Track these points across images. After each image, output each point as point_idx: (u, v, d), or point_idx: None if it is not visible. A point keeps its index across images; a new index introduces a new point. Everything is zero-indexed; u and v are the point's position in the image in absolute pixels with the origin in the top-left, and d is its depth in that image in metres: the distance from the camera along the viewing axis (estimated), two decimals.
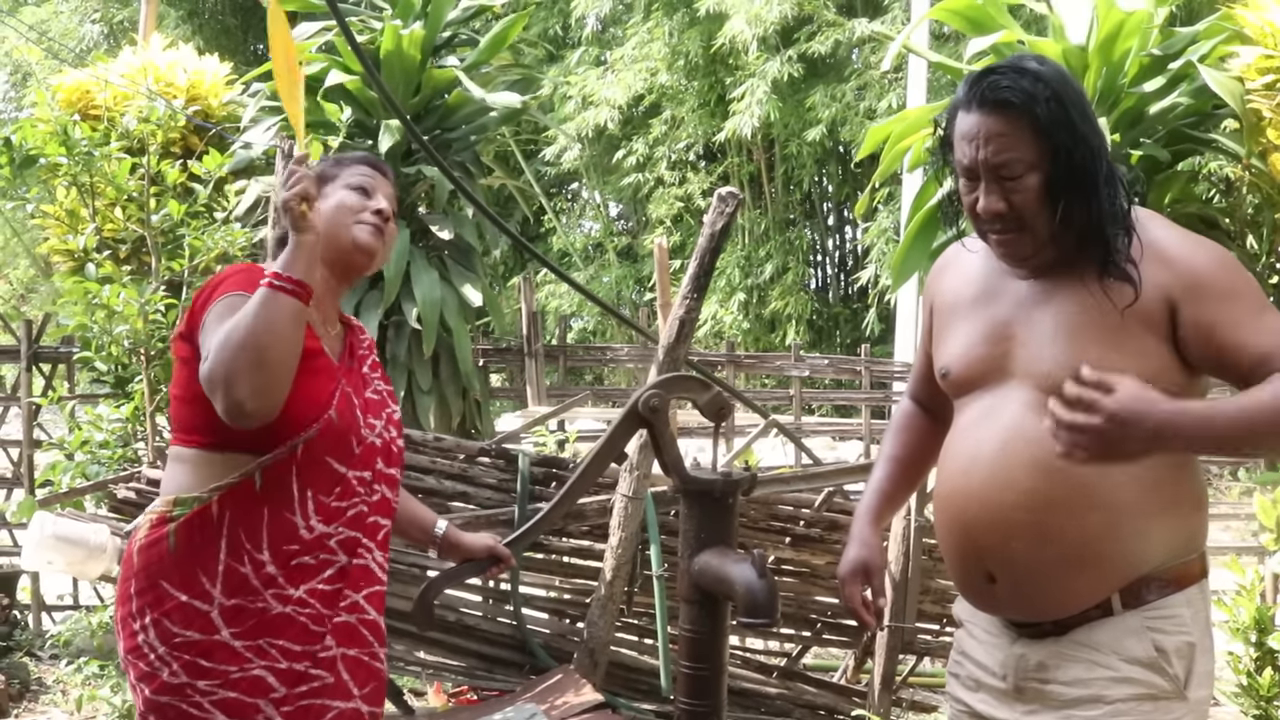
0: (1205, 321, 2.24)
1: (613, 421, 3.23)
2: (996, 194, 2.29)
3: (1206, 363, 2.27)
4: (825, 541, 5.02)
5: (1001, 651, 2.44)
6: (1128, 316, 2.26)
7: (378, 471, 2.63)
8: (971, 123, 2.29)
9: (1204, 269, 2.28)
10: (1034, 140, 2.26)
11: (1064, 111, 2.27)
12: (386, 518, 2.68)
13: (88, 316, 5.67)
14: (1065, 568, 2.29)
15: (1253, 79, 4.50)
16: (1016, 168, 2.27)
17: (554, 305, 19.00)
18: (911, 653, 5.26)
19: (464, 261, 8.44)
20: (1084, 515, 2.26)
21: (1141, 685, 2.28)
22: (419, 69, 8.15)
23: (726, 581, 2.76)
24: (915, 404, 2.80)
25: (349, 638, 2.58)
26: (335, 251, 2.63)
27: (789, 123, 17.82)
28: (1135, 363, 2.23)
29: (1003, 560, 2.34)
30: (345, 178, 2.69)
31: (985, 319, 2.43)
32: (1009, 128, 2.26)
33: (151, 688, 2.44)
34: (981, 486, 2.34)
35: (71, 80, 6.94)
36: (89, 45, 20.63)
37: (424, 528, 2.92)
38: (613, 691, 4.70)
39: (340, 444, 2.53)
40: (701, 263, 4.43)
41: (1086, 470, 2.21)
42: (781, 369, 13.40)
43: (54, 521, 4.80)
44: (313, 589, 2.50)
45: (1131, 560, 2.29)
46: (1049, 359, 2.30)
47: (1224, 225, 5.27)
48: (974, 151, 2.28)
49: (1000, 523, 2.32)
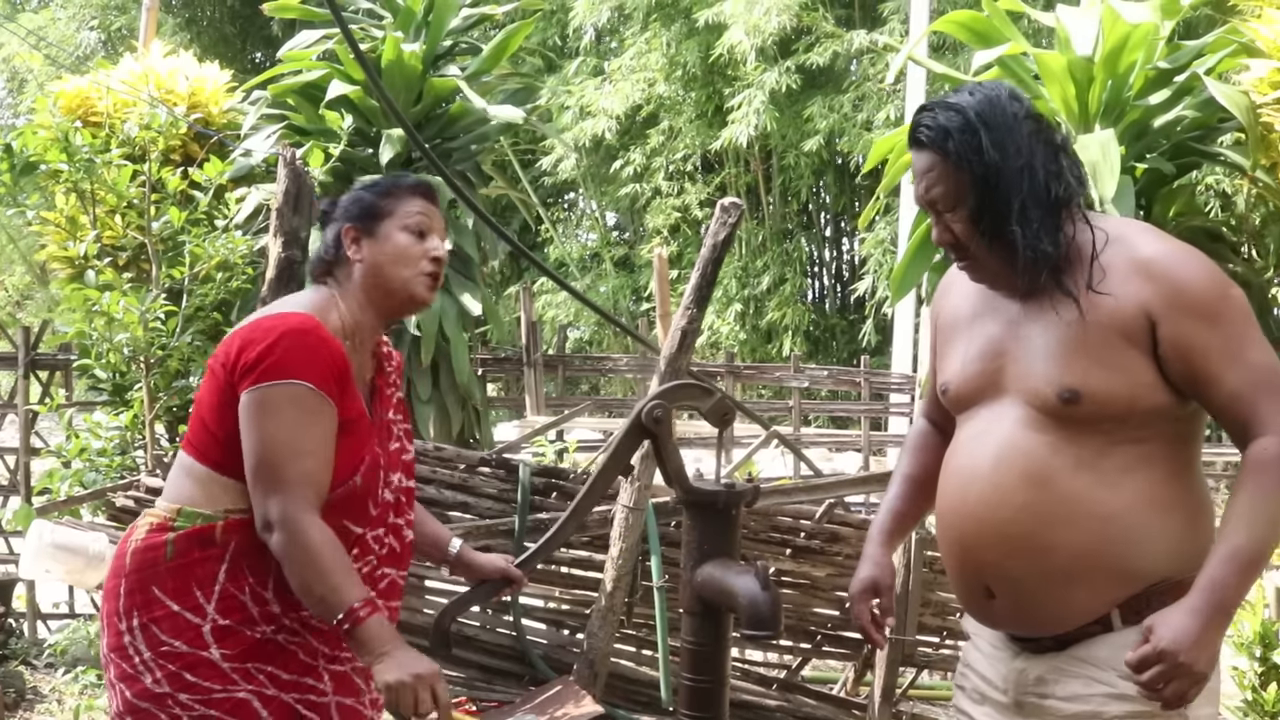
0: (1183, 342, 2.24)
1: (615, 434, 3.21)
2: (940, 226, 2.40)
3: (1184, 384, 2.27)
4: (826, 553, 5.00)
5: (1004, 665, 2.45)
6: (1109, 331, 2.27)
7: (390, 525, 2.60)
8: (914, 160, 2.40)
9: (1187, 284, 2.26)
10: (954, 174, 2.33)
11: (976, 141, 2.31)
12: (396, 568, 2.65)
13: (87, 324, 5.66)
14: (1062, 581, 2.29)
15: (1263, 93, 4.50)
16: (947, 201, 2.35)
17: (550, 315, 18.99)
18: (911, 665, 5.25)
19: (463, 271, 8.43)
20: (1079, 526, 2.26)
21: (1140, 702, 2.26)
22: (420, 78, 8.15)
23: (729, 593, 2.74)
24: (929, 423, 2.80)
25: (346, 687, 2.57)
26: (390, 300, 2.58)
27: (786, 134, 17.84)
28: (1121, 378, 2.25)
29: (1000, 575, 2.36)
30: (400, 216, 2.58)
31: (980, 337, 2.45)
32: (931, 164, 2.36)
33: (133, 691, 2.42)
34: (978, 502, 2.36)
35: (72, 87, 6.92)
36: (86, 52, 20.64)
37: (439, 545, 2.88)
38: (612, 703, 4.69)
39: (358, 507, 2.50)
40: (704, 273, 4.42)
41: (1079, 482, 2.26)
42: (781, 380, 13.41)
43: (53, 530, 4.79)
44: (312, 628, 2.48)
45: (1130, 572, 2.28)
46: (1039, 375, 2.32)
47: (1228, 239, 5.28)
48: (920, 189, 2.39)
49: (996, 537, 2.33)
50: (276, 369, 2.36)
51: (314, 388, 2.36)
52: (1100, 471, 2.27)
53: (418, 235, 2.58)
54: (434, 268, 2.58)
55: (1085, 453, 2.27)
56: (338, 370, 2.41)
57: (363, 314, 2.57)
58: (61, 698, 5.83)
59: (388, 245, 2.55)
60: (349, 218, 2.58)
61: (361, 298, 2.56)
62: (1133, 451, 2.28)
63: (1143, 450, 2.29)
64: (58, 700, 5.82)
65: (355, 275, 2.56)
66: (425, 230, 2.59)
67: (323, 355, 2.38)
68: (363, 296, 2.56)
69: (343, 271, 2.58)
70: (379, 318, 2.60)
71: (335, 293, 2.57)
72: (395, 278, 2.55)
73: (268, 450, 2.35)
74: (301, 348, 2.38)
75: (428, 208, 2.62)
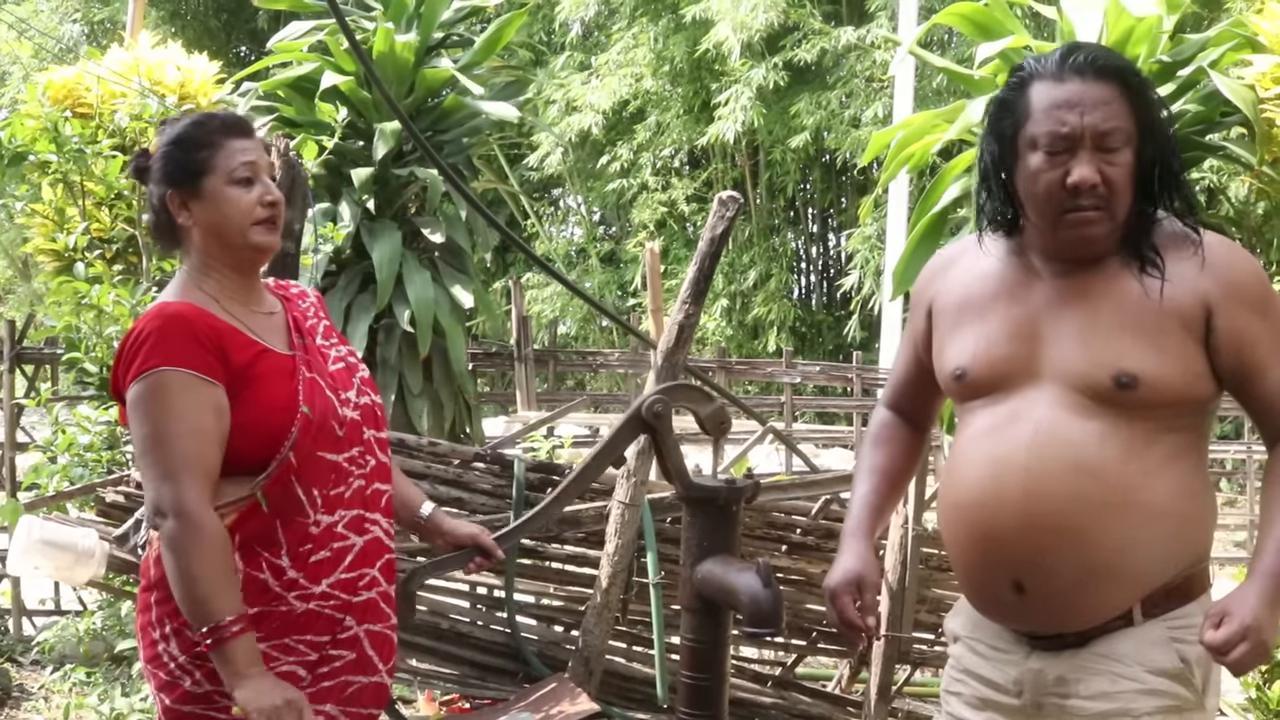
0: (1237, 331, 2.22)
1: (613, 425, 3.19)
2: (1094, 165, 2.22)
3: (1230, 376, 2.25)
4: (822, 550, 4.98)
5: (1015, 668, 2.37)
6: (1167, 314, 2.22)
7: (366, 441, 2.59)
8: (1070, 91, 2.23)
9: (1242, 275, 2.26)
10: (1130, 115, 2.23)
11: (1153, 93, 2.27)
12: (385, 482, 2.64)
13: (76, 317, 5.60)
14: (1104, 574, 2.24)
15: (1267, 87, 4.50)
16: (1118, 138, 2.22)
17: (537, 310, 18.95)
18: (907, 663, 5.22)
19: (455, 263, 8.41)
20: (1128, 518, 2.21)
21: (1168, 697, 2.25)
22: (412, 70, 8.11)
23: (730, 590, 2.72)
24: (894, 413, 2.71)
25: (371, 614, 2.56)
26: (237, 255, 2.54)
27: (773, 129, 17.82)
28: (1173, 364, 2.21)
29: (1036, 569, 2.27)
30: (223, 169, 2.49)
31: (1008, 318, 2.35)
32: (1113, 97, 2.23)
33: (172, 697, 2.42)
34: (1016, 492, 2.26)
35: (59, 77, 6.85)
36: (70, 44, 20.54)
37: (410, 508, 2.84)
38: (607, 700, 4.66)
39: (324, 434, 2.48)
40: (701, 267, 4.38)
41: (1130, 471, 2.20)
42: (773, 375, 13.39)
43: (41, 525, 4.72)
44: (336, 580, 2.48)
45: (1162, 567, 2.26)
46: (1083, 358, 2.25)
47: (1230, 233, 5.28)
48: (1077, 119, 2.21)
49: (1037, 530, 2.24)
50: (140, 363, 2.37)
51: (181, 369, 2.35)
52: (1147, 461, 2.22)
53: (245, 184, 2.50)
54: (269, 213, 2.52)
55: (1135, 441, 2.22)
56: (205, 339, 2.40)
57: (227, 274, 2.53)
58: (49, 695, 5.79)
59: (218, 204, 2.50)
60: (171, 183, 2.51)
61: (209, 259, 2.53)
62: (1174, 441, 2.25)
63: (1181, 440, 2.26)
64: (44, 698, 5.77)
65: (196, 239, 2.52)
66: (252, 176, 2.51)
67: (180, 333, 2.38)
68: (210, 258, 2.53)
69: (183, 236, 2.54)
70: (237, 271, 2.56)
71: (191, 267, 2.54)
72: (233, 234, 2.50)
73: (149, 440, 2.36)
74: (160, 335, 2.38)
75: (246, 148, 2.53)
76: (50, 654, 5.94)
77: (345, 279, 8.26)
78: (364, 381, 2.67)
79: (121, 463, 5.70)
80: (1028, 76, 2.30)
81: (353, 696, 2.53)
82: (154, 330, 2.38)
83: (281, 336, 2.56)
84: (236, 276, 2.54)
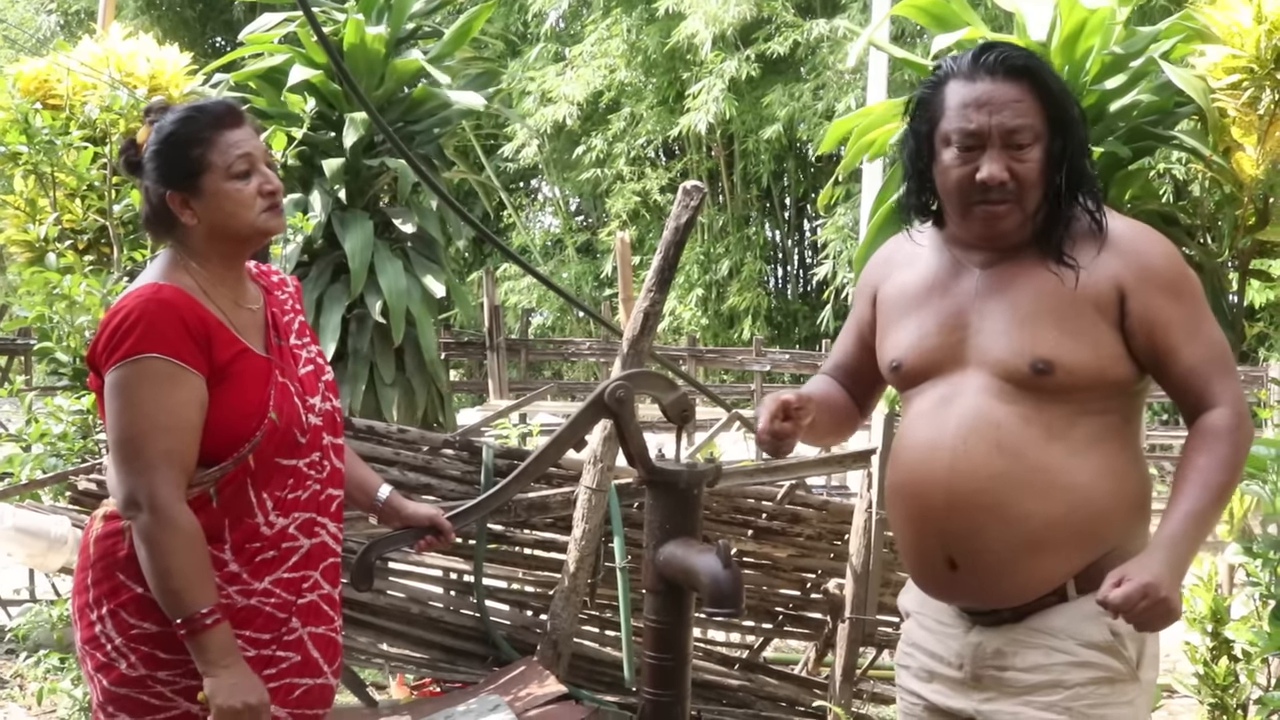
0: (1150, 316, 2.31)
1: (577, 409, 3.22)
2: (1002, 162, 2.31)
3: (1145, 357, 2.34)
4: (787, 534, 5.04)
5: (956, 641, 2.46)
6: (1081, 301, 2.31)
7: (325, 447, 2.59)
8: (980, 90, 2.32)
9: (1153, 259, 2.35)
10: (1041, 112, 2.32)
11: (1061, 86, 2.34)
12: (338, 488, 2.64)
13: (48, 307, 5.62)
14: (1031, 550, 2.32)
15: (1218, 78, 4.57)
16: (1026, 135, 2.31)
17: (513, 301, 18.97)
18: (872, 645, 5.29)
19: (427, 254, 8.44)
20: (1051, 496, 2.30)
21: (1099, 669, 2.33)
22: (383, 61, 8.14)
23: (691, 572, 2.75)
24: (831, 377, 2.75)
25: (314, 616, 2.57)
26: (244, 244, 2.54)
27: (746, 120, 17.89)
28: (1088, 349, 2.30)
29: (966, 546, 2.36)
30: (220, 165, 2.46)
31: (938, 310, 2.45)
32: (1022, 95, 2.31)
33: (109, 679, 2.42)
34: (944, 472, 2.36)
35: (30, 69, 6.87)
36: (45, 36, 20.44)
37: (367, 491, 2.82)
38: (575, 683, 4.70)
39: (286, 440, 2.49)
40: (666, 255, 4.43)
41: (1051, 452, 2.29)
42: (743, 364, 13.44)
43: (14, 513, 4.76)
44: (278, 579, 2.49)
45: (1089, 544, 2.33)
46: (1003, 347, 2.34)
47: (1184, 223, 5.35)
48: (984, 117, 2.30)
49: (966, 507, 2.34)
50: (126, 347, 2.35)
51: (167, 357, 2.34)
52: (1070, 441, 2.31)
53: (243, 176, 2.48)
54: (272, 200, 2.52)
55: (1055, 423, 2.31)
56: (193, 329, 2.39)
57: (218, 264, 2.52)
58: (24, 683, 5.80)
59: (220, 201, 2.47)
60: (168, 184, 2.48)
61: (210, 251, 2.51)
62: (1097, 423, 2.33)
63: (1106, 422, 2.35)
64: (19, 685, 5.79)
65: (198, 235, 2.50)
66: (250, 168, 2.49)
67: (170, 321, 2.36)
68: (211, 250, 2.51)
69: (182, 232, 2.51)
70: (235, 259, 2.56)
71: (181, 251, 2.52)
72: (241, 226, 2.49)
73: (127, 430, 2.35)
74: (147, 320, 2.36)
75: (240, 138, 2.49)
76: (25, 641, 5.96)
77: (317, 269, 8.27)
78: (328, 386, 2.67)
79: (94, 451, 5.73)
80: (944, 75, 2.39)
81: (300, 699, 2.54)
82: (144, 315, 2.36)
83: (260, 335, 2.56)
84: (226, 266, 2.54)
